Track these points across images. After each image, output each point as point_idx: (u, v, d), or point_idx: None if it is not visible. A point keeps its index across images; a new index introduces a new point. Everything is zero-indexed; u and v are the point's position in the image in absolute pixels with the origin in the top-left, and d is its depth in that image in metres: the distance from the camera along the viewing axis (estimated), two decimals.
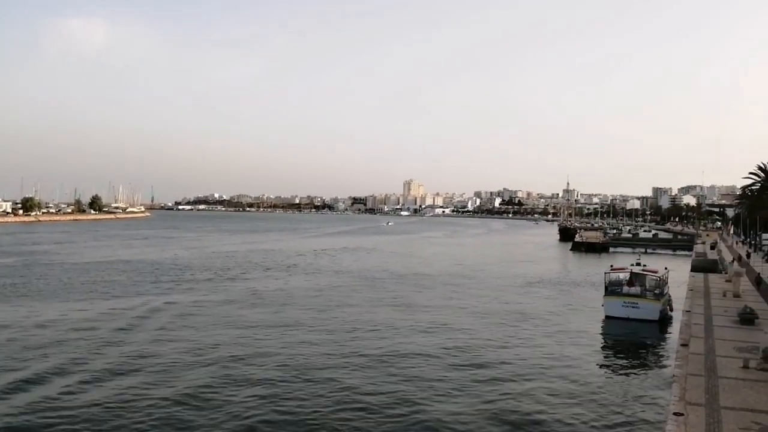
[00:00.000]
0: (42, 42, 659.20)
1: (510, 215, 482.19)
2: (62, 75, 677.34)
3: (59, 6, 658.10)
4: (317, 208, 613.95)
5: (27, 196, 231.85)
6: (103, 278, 55.52)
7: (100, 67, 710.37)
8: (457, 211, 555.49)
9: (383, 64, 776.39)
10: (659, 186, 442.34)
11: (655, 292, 39.32)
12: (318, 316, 38.18)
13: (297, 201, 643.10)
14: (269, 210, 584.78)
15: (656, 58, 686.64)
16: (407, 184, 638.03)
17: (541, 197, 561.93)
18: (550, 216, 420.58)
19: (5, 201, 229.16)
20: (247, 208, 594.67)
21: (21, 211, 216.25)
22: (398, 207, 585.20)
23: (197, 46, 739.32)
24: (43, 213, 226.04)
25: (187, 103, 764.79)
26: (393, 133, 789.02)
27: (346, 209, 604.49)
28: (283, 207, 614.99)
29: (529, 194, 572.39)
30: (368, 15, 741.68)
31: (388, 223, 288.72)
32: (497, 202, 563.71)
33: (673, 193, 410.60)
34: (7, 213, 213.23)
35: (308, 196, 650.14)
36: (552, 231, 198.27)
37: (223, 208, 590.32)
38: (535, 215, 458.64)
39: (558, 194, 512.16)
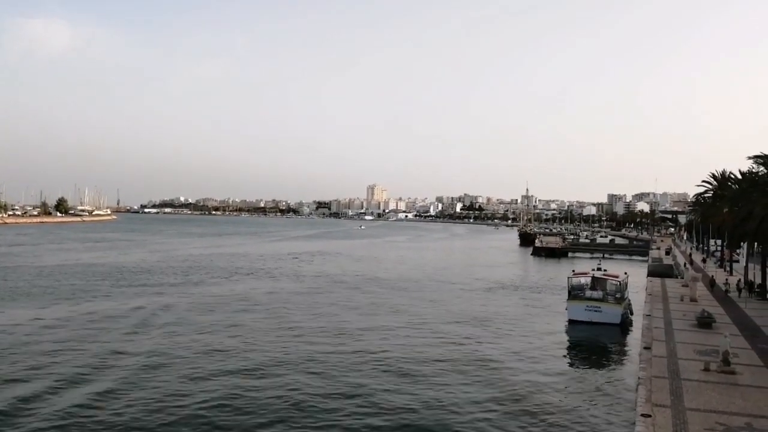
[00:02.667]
0: (4, 42, 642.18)
1: (471, 220, 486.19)
2: (25, 75, 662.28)
3: (20, 6, 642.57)
4: (282, 212, 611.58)
5: None
6: (64, 282, 54.30)
7: (64, 68, 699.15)
8: (420, 216, 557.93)
9: (349, 70, 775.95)
10: (614, 193, 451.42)
11: (617, 296, 40.23)
12: (279, 321, 37.99)
13: (262, 205, 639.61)
14: (235, 214, 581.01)
15: (610, 69, 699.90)
16: (371, 189, 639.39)
17: (500, 203, 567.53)
18: (509, 221, 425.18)
19: None
20: (213, 212, 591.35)
21: None
22: (362, 211, 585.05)
23: (160, 48, 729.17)
24: (9, 215, 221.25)
25: (151, 105, 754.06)
26: (357, 138, 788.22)
27: (311, 213, 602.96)
28: (248, 211, 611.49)
29: (489, 200, 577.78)
30: (334, 19, 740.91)
31: (360, 226, 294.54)
32: (458, 207, 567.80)
33: (627, 200, 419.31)
34: None
35: (273, 200, 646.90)
36: (512, 236, 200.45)
37: (189, 212, 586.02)
38: (495, 220, 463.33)
39: (517, 200, 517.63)
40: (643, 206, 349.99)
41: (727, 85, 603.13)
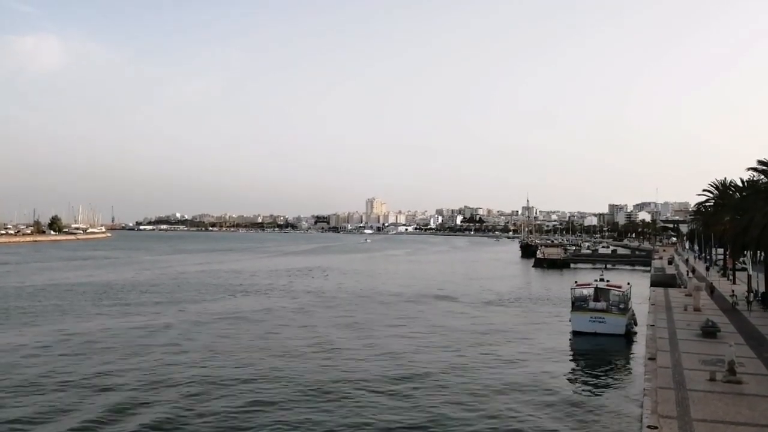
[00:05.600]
0: None
1: (472, 232, 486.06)
2: (17, 93, 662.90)
3: (11, 24, 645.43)
4: (280, 227, 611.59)
5: None
6: (44, 302, 53.85)
7: (56, 84, 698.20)
8: (420, 229, 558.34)
9: (348, 84, 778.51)
10: (615, 203, 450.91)
11: (620, 306, 39.99)
12: (271, 340, 37.49)
13: (260, 220, 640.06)
14: (232, 229, 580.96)
15: (610, 79, 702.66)
16: (370, 203, 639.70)
17: (501, 214, 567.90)
18: (510, 233, 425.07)
19: None
20: (210, 228, 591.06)
21: None
22: (361, 225, 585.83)
23: (154, 63, 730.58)
24: (1, 234, 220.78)
25: (145, 121, 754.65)
26: (356, 152, 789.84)
27: (310, 228, 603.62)
28: (245, 226, 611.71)
29: (489, 212, 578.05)
30: (332, 35, 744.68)
31: (366, 240, 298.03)
32: (459, 219, 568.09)
33: (628, 210, 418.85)
34: None
35: (271, 215, 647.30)
36: (513, 248, 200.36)
37: (185, 228, 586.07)
38: (496, 232, 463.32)
39: (518, 211, 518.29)
40: (644, 216, 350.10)
41: (727, 93, 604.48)
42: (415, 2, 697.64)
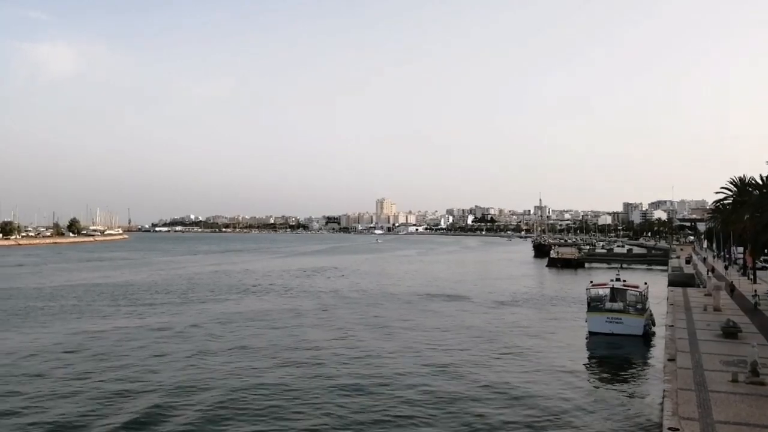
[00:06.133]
0: (11, 67, 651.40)
1: (483, 232, 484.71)
2: (33, 99, 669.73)
3: (25, 31, 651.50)
4: (292, 227, 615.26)
5: (5, 220, 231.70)
6: (61, 303, 54.27)
7: (70, 90, 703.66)
8: (431, 229, 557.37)
9: (357, 84, 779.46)
10: (630, 201, 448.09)
11: (637, 307, 39.51)
12: (292, 338, 37.47)
13: (272, 221, 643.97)
14: (245, 230, 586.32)
15: (622, 78, 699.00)
16: (380, 203, 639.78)
17: (513, 214, 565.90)
18: (523, 233, 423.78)
19: None
20: (223, 229, 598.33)
21: (0, 236, 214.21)
22: (371, 225, 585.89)
23: (167, 67, 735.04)
24: (22, 237, 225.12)
25: (158, 125, 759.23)
26: (365, 153, 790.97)
27: (321, 228, 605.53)
28: (258, 227, 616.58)
29: (501, 211, 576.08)
30: (340, 34, 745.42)
31: (377, 240, 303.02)
32: (470, 219, 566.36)
33: (644, 208, 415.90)
34: None
35: (283, 216, 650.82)
36: (526, 248, 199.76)
37: (200, 229, 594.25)
38: (508, 232, 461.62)
39: (530, 211, 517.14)
40: (660, 214, 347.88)
41: (744, 90, 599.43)
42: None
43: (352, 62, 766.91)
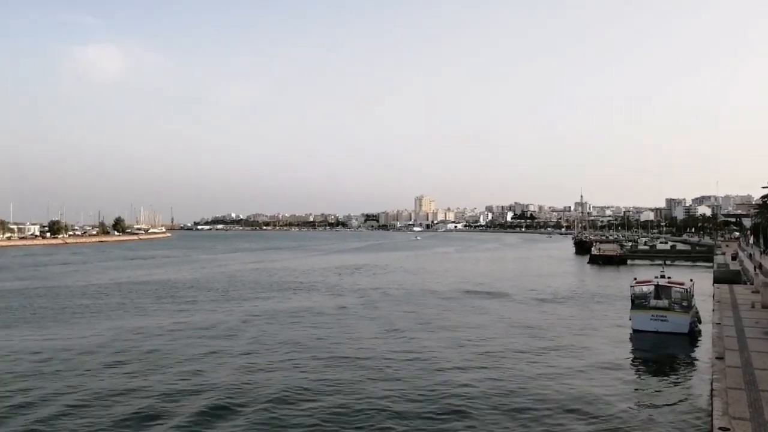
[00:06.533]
0: (60, 69, 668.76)
1: (523, 229, 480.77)
2: (80, 100, 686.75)
3: (74, 34, 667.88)
4: (331, 225, 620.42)
5: (53, 219, 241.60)
6: (116, 299, 55.75)
7: (115, 92, 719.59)
8: (470, 226, 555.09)
9: (401, 89, 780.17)
10: (673, 197, 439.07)
11: (683, 304, 38.74)
12: (333, 337, 37.67)
13: (311, 219, 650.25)
14: (285, 228, 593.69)
15: (670, 76, 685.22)
16: (418, 200, 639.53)
17: (553, 210, 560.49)
18: (563, 229, 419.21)
19: (33, 224, 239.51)
20: (264, 227, 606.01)
21: (48, 234, 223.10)
22: (410, 223, 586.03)
23: (208, 68, 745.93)
24: (69, 236, 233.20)
25: (199, 125, 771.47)
26: (404, 150, 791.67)
27: (360, 226, 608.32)
28: (298, 225, 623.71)
29: (540, 208, 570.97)
30: (376, 36, 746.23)
31: (416, 237, 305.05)
32: (509, 216, 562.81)
33: (687, 204, 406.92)
34: (36, 236, 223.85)
35: (322, 214, 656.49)
36: (566, 244, 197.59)
37: (240, 228, 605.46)
38: (549, 228, 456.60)
39: (570, 207, 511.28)
40: (704, 210, 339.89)
41: None
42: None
43: (392, 64, 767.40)
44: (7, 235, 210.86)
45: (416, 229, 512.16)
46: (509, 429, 20.34)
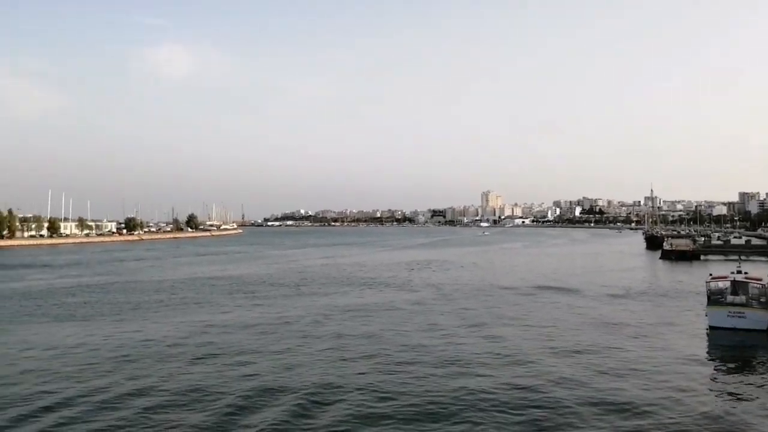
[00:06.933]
0: (132, 70, 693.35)
1: (591, 224, 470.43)
2: (153, 101, 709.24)
3: (145, 36, 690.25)
4: (398, 221, 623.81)
5: (129, 216, 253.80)
6: (190, 294, 57.92)
7: (186, 91, 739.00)
8: (537, 221, 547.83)
9: (468, 82, 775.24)
10: (746, 191, 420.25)
11: (761, 300, 37.59)
12: (410, 331, 38.08)
13: (378, 215, 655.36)
14: (352, 224, 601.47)
15: (747, 63, 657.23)
16: (485, 195, 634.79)
17: (622, 205, 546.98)
18: (633, 224, 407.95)
19: (110, 221, 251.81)
20: (332, 223, 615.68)
21: (125, 231, 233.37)
22: (477, 218, 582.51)
23: (274, 67, 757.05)
24: (144, 232, 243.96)
25: (268, 123, 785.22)
26: (470, 145, 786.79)
27: (426, 222, 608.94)
28: (365, 221, 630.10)
29: (609, 202, 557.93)
30: (442, 36, 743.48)
31: (484, 233, 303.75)
32: (577, 211, 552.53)
33: (761, 198, 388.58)
34: (112, 233, 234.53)
35: (389, 210, 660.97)
36: (637, 239, 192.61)
37: (309, 224, 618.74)
38: (618, 224, 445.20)
39: (640, 202, 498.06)
40: None
41: None
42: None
43: (461, 62, 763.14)
44: (86, 232, 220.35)
45: (483, 224, 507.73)
46: (598, 421, 20.35)
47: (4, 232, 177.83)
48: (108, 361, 29.32)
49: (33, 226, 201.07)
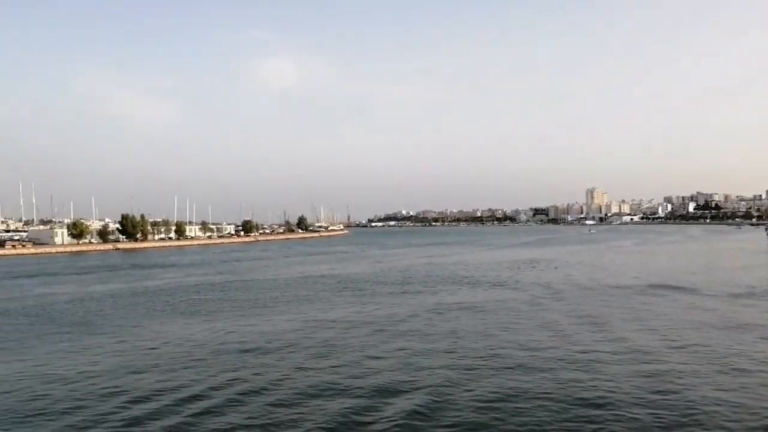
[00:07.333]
0: (242, 81, 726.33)
1: (707, 220, 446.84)
2: (262, 110, 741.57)
3: (254, 49, 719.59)
4: (499, 220, 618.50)
5: (245, 219, 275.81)
6: (302, 292, 59.38)
7: (292, 100, 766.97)
8: (646, 218, 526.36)
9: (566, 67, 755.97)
10: None
11: None
12: (527, 330, 37.69)
13: (479, 214, 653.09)
14: (453, 224, 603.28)
15: None
16: (590, 192, 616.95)
17: (741, 200, 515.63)
18: (753, 219, 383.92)
19: (228, 224, 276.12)
20: (432, 223, 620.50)
21: (242, 233, 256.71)
22: (582, 216, 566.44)
23: (375, 78, 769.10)
24: (259, 233, 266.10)
25: (369, 127, 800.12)
26: (575, 142, 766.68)
27: (528, 220, 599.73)
28: (465, 220, 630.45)
29: (727, 197, 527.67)
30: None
31: (590, 231, 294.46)
32: (691, 207, 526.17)
33: None
34: (231, 234, 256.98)
35: (489, 209, 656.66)
36: (759, 236, 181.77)
37: (411, 224, 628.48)
38: (737, 219, 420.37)
39: (761, 195, 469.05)
40: None
41: None
42: None
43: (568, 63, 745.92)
44: (208, 234, 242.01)
45: (589, 222, 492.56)
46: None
47: (138, 235, 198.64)
48: (232, 356, 30.58)
49: (162, 229, 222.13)
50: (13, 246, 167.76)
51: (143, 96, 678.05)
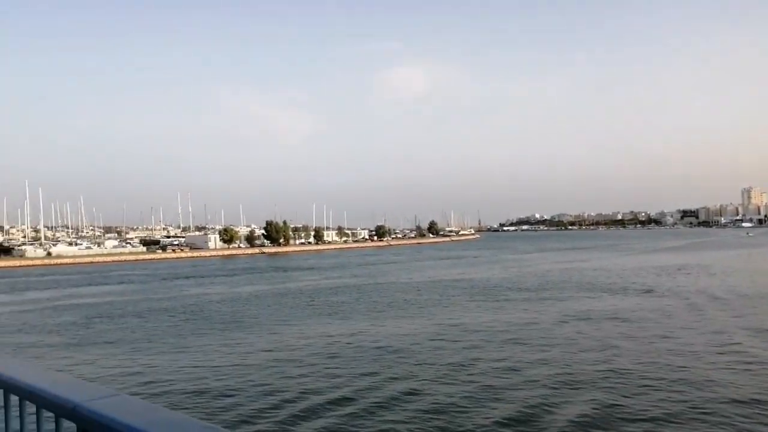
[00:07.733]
0: (376, 90, 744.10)
1: None
2: (393, 120, 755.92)
3: (383, 60, 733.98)
4: (642, 223, 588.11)
5: (378, 224, 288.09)
6: (433, 296, 60.14)
7: (422, 108, 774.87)
8: None
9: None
10: None
11: None
12: (669, 340, 36.08)
13: (619, 217, 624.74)
14: (591, 228, 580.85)
15: None
16: (746, 192, 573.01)
17: None
18: None
19: (363, 229, 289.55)
20: (569, 227, 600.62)
21: (375, 237, 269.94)
22: (737, 218, 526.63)
23: (501, 78, 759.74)
24: (392, 238, 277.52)
25: (500, 130, 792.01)
26: (724, 134, 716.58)
27: (675, 223, 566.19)
28: (604, 224, 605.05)
29: None
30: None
31: (748, 233, 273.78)
32: None
33: None
34: (365, 239, 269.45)
35: (631, 212, 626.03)
36: None
37: (545, 228, 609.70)
38: None
39: None
40: None
41: None
42: None
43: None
44: (344, 239, 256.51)
45: (745, 224, 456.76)
46: None
47: (281, 240, 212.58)
48: (372, 358, 31.46)
49: (302, 234, 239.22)
50: (173, 250, 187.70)
51: (282, 110, 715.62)
